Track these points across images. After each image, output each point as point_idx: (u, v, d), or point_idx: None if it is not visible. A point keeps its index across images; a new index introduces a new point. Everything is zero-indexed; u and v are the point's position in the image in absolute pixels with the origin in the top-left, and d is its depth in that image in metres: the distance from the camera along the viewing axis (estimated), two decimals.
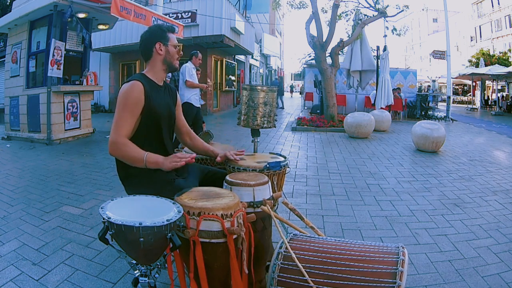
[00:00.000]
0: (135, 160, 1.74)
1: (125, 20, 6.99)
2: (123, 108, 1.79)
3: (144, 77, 1.93)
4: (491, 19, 31.51)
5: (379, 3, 10.74)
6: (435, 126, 6.53)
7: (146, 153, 1.73)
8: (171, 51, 1.96)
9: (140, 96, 1.81)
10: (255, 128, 2.81)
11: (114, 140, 1.75)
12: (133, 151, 1.75)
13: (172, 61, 1.98)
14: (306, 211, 3.38)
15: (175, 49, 1.98)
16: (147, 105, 1.83)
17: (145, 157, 1.72)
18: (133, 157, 1.74)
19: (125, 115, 1.79)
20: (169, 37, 1.95)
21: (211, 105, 14.33)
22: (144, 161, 1.72)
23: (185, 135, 2.19)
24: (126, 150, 1.75)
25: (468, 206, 3.59)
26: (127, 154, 1.75)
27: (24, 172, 4.69)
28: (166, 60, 1.96)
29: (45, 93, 6.84)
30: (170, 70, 2.01)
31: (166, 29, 1.98)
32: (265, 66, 28.56)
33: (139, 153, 1.74)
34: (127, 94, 1.81)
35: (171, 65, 1.98)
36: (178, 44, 2.04)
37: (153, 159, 1.73)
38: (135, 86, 1.82)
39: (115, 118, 1.80)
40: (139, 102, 1.81)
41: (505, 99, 20.17)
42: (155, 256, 1.39)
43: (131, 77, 1.91)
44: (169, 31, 1.97)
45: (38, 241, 2.62)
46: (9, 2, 12.88)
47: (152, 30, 1.99)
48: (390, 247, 1.44)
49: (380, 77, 9.53)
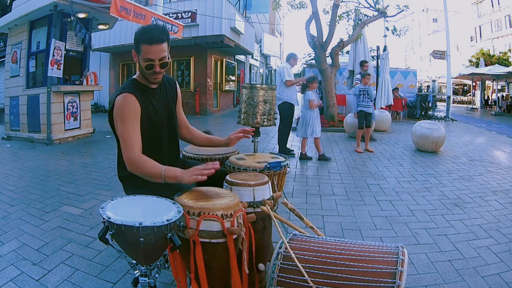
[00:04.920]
0: (154, 176, 1.64)
1: (125, 20, 6.99)
2: (124, 122, 1.72)
3: (135, 84, 1.82)
4: (491, 19, 31.52)
5: (379, 3, 10.74)
6: (435, 126, 6.53)
7: (164, 168, 1.62)
8: (141, 65, 1.76)
9: (136, 106, 1.74)
10: (255, 126, 2.82)
11: (129, 159, 1.67)
12: (151, 167, 1.65)
13: (145, 74, 1.79)
14: (306, 211, 3.38)
15: (145, 63, 1.73)
16: (143, 115, 1.77)
17: (163, 172, 1.61)
18: (152, 173, 1.64)
19: (129, 128, 1.71)
20: (141, 49, 1.72)
21: (211, 105, 14.32)
22: (162, 177, 1.61)
23: (184, 129, 2.14)
24: (144, 167, 1.65)
25: (468, 206, 3.60)
26: (145, 171, 1.65)
27: (24, 172, 4.69)
28: (140, 70, 1.82)
29: (45, 93, 6.84)
30: (148, 80, 1.82)
31: (141, 39, 1.71)
32: (265, 66, 28.56)
33: (157, 169, 1.63)
34: (123, 108, 1.73)
35: (144, 77, 1.82)
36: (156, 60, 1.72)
37: (171, 173, 1.61)
38: (128, 98, 1.73)
39: (121, 135, 1.71)
40: (136, 112, 1.74)
41: (505, 99, 20.16)
42: (155, 256, 1.39)
43: (122, 86, 1.82)
44: (145, 43, 1.70)
45: (38, 241, 2.62)
46: (9, 2, 12.89)
47: (134, 34, 1.77)
48: (390, 247, 1.44)
49: (380, 77, 9.52)
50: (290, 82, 5.94)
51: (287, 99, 5.93)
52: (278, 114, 5.65)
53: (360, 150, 6.48)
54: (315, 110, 5.67)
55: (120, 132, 1.73)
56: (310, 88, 5.70)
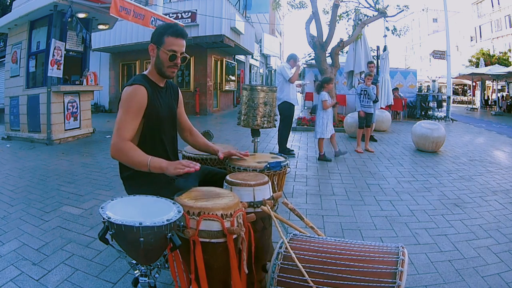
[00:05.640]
0: (139, 165, 1.68)
1: (125, 20, 6.99)
2: (126, 111, 1.75)
3: (146, 79, 1.86)
4: (491, 19, 31.52)
5: (379, 3, 10.73)
6: (435, 126, 6.53)
7: (150, 158, 1.67)
8: (162, 57, 1.81)
9: (143, 100, 1.77)
10: (255, 128, 2.82)
11: (117, 144, 1.70)
12: (136, 155, 1.69)
13: (162, 67, 1.84)
14: (306, 211, 3.38)
15: (167, 55, 1.80)
16: (149, 109, 1.80)
17: (148, 161, 1.66)
18: (137, 162, 1.69)
19: (128, 118, 1.74)
20: (165, 41, 1.79)
21: (211, 105, 14.32)
22: (148, 166, 1.66)
23: (186, 132, 2.17)
24: (130, 154, 1.69)
25: (468, 206, 3.60)
26: (130, 159, 1.70)
27: (24, 172, 4.69)
28: (156, 64, 1.86)
29: (45, 93, 6.84)
30: (161, 76, 1.88)
31: (166, 31, 1.80)
32: (265, 66, 28.56)
33: (143, 158, 1.68)
34: (131, 98, 1.76)
35: (160, 71, 1.86)
36: (178, 52, 1.82)
37: (157, 163, 1.66)
38: (138, 90, 1.77)
39: (118, 121, 1.74)
40: (142, 106, 1.77)
41: (505, 99, 20.15)
42: (155, 256, 1.39)
43: (133, 79, 1.85)
44: (170, 35, 1.80)
45: (38, 241, 2.62)
46: (9, 2, 12.89)
47: (156, 28, 1.87)
48: (390, 247, 1.44)
49: (380, 77, 9.51)
50: (294, 77, 5.92)
51: (286, 98, 5.93)
52: (278, 115, 5.66)
53: (360, 150, 6.48)
54: (328, 110, 5.73)
55: (118, 118, 1.76)
56: (326, 88, 5.75)
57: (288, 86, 5.94)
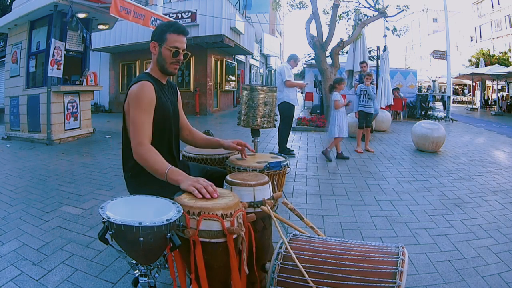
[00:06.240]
0: (156, 173, 1.64)
1: (125, 20, 6.99)
2: (139, 110, 1.72)
3: (150, 76, 1.87)
4: (491, 19, 31.52)
5: (379, 3, 10.73)
6: (435, 126, 6.53)
7: (168, 168, 1.62)
8: (164, 54, 1.82)
9: (152, 95, 1.77)
10: (255, 128, 2.81)
11: (135, 150, 1.68)
12: (158, 161, 1.65)
13: (164, 64, 1.85)
14: (306, 211, 3.38)
15: (170, 52, 1.82)
16: (158, 103, 1.80)
17: (166, 172, 1.61)
18: (155, 170, 1.65)
19: (143, 116, 1.72)
20: (167, 39, 1.81)
21: (211, 105, 14.32)
22: (165, 176, 1.61)
23: (186, 131, 2.17)
24: (151, 159, 1.66)
25: (468, 206, 3.60)
26: (151, 164, 1.66)
27: (24, 172, 4.69)
28: (158, 61, 1.86)
29: (45, 93, 6.84)
30: (163, 73, 1.89)
31: (168, 29, 1.82)
32: (265, 66, 28.56)
33: (162, 166, 1.64)
34: (140, 95, 1.74)
35: (163, 68, 1.86)
36: (181, 49, 1.85)
37: (175, 176, 1.61)
38: (145, 86, 1.76)
39: (133, 122, 1.71)
40: (152, 101, 1.77)
41: (505, 99, 20.16)
42: (155, 256, 1.39)
43: (138, 77, 1.85)
44: (173, 32, 1.81)
45: (38, 241, 2.62)
46: (9, 2, 12.89)
47: (158, 26, 1.89)
48: (390, 247, 1.44)
49: (380, 77, 9.51)
50: (290, 83, 5.96)
51: (286, 99, 5.94)
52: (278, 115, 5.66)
53: (360, 150, 6.48)
54: (341, 110, 5.80)
55: (132, 117, 1.73)
56: (337, 89, 5.85)
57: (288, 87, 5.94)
